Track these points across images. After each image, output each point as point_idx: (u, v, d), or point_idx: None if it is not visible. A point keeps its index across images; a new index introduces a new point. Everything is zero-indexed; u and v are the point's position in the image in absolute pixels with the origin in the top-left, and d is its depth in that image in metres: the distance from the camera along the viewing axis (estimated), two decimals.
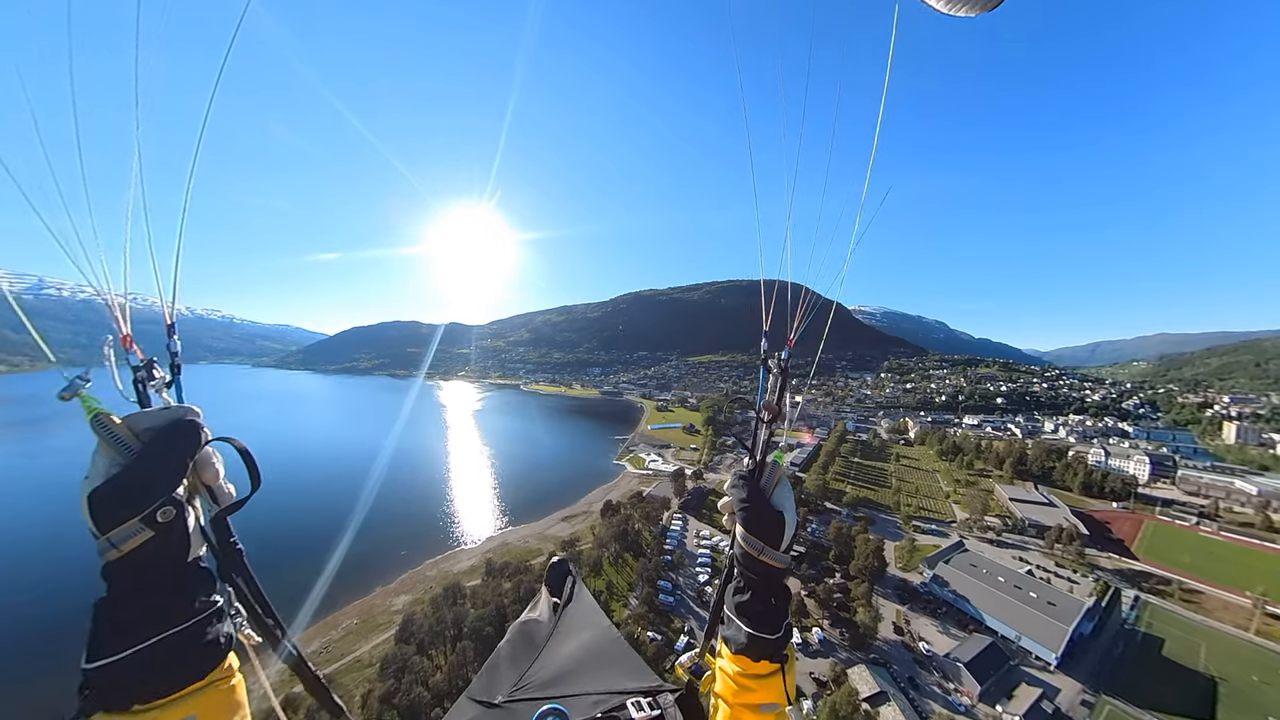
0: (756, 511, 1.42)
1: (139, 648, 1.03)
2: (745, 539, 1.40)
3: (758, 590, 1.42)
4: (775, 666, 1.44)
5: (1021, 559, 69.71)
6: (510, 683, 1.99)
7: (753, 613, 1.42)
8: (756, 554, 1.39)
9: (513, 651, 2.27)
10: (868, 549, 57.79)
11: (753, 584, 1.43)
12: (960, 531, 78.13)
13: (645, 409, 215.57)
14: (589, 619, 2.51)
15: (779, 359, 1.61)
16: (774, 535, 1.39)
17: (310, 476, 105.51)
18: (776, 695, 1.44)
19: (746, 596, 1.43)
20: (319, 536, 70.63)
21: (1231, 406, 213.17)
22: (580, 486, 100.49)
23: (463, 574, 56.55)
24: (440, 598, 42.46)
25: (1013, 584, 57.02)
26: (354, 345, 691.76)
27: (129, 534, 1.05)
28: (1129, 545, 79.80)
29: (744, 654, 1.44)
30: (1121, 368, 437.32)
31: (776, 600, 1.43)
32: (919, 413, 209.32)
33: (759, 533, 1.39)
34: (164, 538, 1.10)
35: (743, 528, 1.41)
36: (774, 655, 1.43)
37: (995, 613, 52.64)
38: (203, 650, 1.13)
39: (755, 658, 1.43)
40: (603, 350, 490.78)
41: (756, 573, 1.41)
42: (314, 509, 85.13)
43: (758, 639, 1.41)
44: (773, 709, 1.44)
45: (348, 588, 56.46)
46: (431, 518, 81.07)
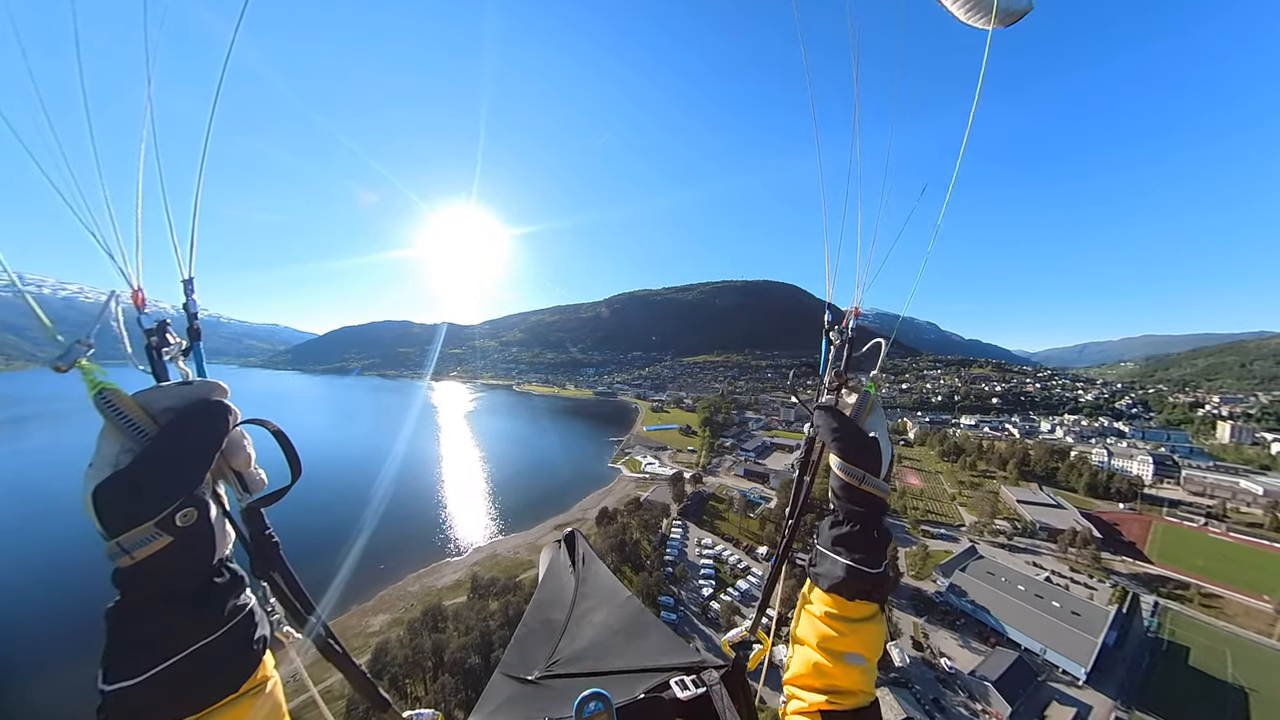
0: (853, 439, 1.32)
1: (163, 667, 0.91)
2: (844, 469, 1.30)
3: (861, 522, 1.30)
4: (872, 609, 1.31)
5: (1035, 564, 67.03)
6: (544, 657, 1.94)
7: (855, 544, 1.29)
8: (858, 483, 1.29)
9: (540, 623, 2.22)
10: None
11: (854, 515, 1.31)
12: (970, 536, 75.31)
13: (640, 410, 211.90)
14: (609, 588, 2.45)
15: (840, 330, 1.54)
16: (873, 462, 1.30)
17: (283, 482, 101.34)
18: (865, 646, 1.29)
19: (847, 529, 1.31)
20: (291, 547, 66.17)
21: (1222, 406, 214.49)
22: (574, 491, 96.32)
23: (447, 590, 52.50)
24: (419, 622, 38.04)
25: (1033, 593, 54.06)
26: (344, 345, 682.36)
27: (143, 540, 0.91)
28: (1141, 548, 77.57)
29: (838, 590, 1.30)
30: (1110, 368, 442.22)
31: (879, 534, 1.31)
32: (916, 413, 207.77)
33: (858, 461, 1.29)
34: (185, 543, 0.94)
35: (840, 457, 1.31)
36: (872, 594, 1.31)
37: (1018, 624, 49.56)
38: (236, 660, 1.01)
39: (851, 595, 1.30)
40: (596, 350, 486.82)
41: (858, 504, 1.31)
42: (288, 518, 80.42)
43: (858, 572, 1.27)
44: (858, 662, 1.29)
45: (322, 606, 51.39)
46: (416, 527, 76.35)
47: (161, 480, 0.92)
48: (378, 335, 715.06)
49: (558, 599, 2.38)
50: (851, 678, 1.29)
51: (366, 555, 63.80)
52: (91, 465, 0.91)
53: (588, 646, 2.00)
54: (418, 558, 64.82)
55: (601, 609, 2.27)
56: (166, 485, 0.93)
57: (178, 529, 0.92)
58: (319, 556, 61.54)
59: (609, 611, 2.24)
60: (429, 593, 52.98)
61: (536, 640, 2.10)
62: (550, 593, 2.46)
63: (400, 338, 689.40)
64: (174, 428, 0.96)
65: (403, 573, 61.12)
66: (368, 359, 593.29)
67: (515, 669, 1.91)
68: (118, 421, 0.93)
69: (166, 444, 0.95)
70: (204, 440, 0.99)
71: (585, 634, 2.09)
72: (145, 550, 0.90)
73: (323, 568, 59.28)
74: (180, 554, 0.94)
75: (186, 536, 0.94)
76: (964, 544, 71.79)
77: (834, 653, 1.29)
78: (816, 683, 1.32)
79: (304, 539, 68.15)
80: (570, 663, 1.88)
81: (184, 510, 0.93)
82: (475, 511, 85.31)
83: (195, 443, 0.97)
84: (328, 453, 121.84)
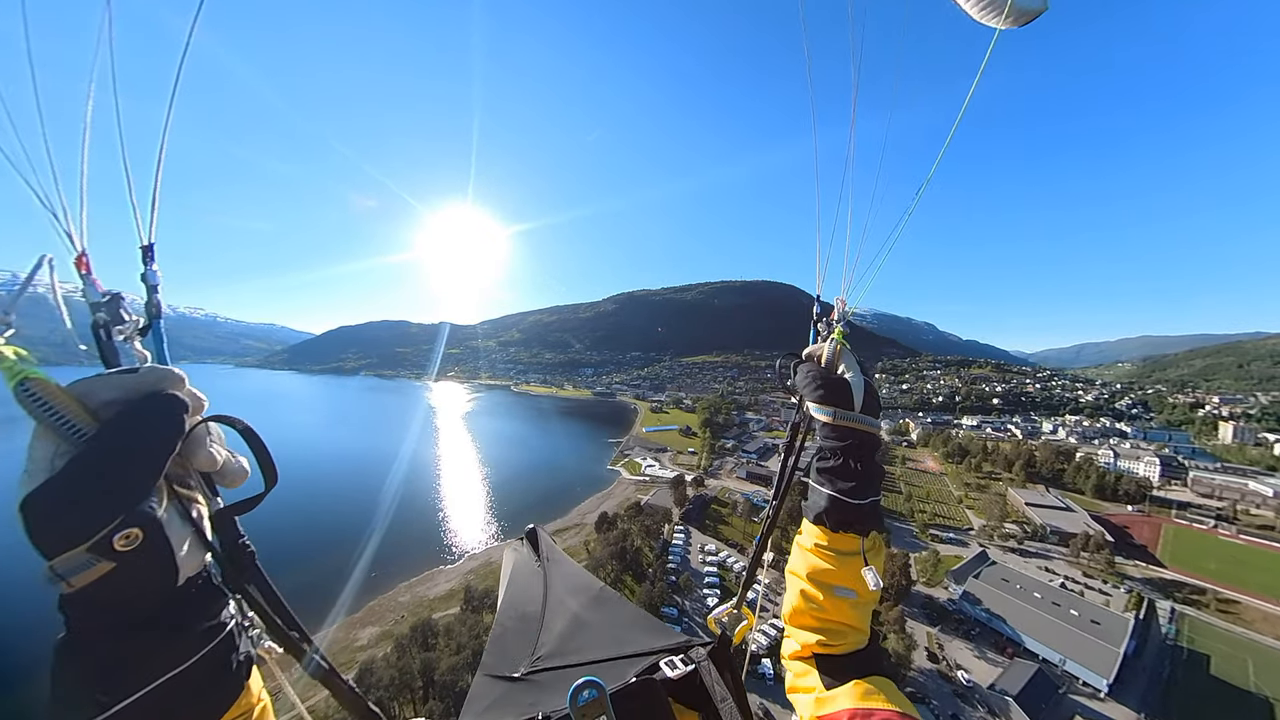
0: (822, 380, 1.35)
1: (126, 704, 0.75)
2: (818, 409, 1.33)
3: (842, 455, 1.30)
4: (857, 543, 1.30)
5: (1047, 569, 65.32)
6: (526, 653, 1.93)
7: (837, 475, 1.29)
8: (832, 419, 1.31)
9: (515, 620, 2.21)
10: (892, 565, 52.32)
11: (839, 449, 1.30)
12: (980, 540, 73.55)
13: (639, 410, 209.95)
14: (579, 579, 2.46)
15: (829, 322, 1.55)
16: (844, 398, 1.31)
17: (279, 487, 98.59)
18: (854, 581, 1.28)
19: (830, 462, 1.31)
20: (277, 554, 63.54)
21: (1222, 406, 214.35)
22: (572, 495, 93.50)
23: (439, 600, 49.99)
24: (407, 639, 35.60)
25: (1050, 600, 52.25)
26: (340, 345, 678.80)
27: (79, 566, 0.73)
28: (1152, 551, 76.00)
29: (823, 520, 1.31)
30: (1107, 369, 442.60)
31: (864, 466, 1.29)
32: (917, 413, 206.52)
33: (829, 399, 1.32)
34: (131, 569, 0.76)
35: (814, 401, 1.34)
36: (858, 525, 1.29)
37: (1035, 633, 47.74)
38: (216, 687, 0.89)
39: (835, 525, 1.30)
40: (595, 350, 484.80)
41: (842, 437, 1.31)
42: (276, 523, 78.04)
43: (840, 502, 1.27)
44: (848, 595, 1.28)
45: (308, 616, 47.22)
46: (409, 532, 73.02)
47: (96, 494, 0.75)
48: (375, 335, 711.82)
49: (529, 594, 2.35)
50: (842, 611, 1.29)
51: (357, 564, 61.26)
52: (26, 472, 0.74)
53: (569, 638, 1.99)
54: (410, 565, 62.01)
55: (575, 599, 2.24)
56: (102, 501, 0.75)
57: (118, 554, 0.74)
58: (308, 564, 59.53)
59: (583, 601, 2.23)
60: (420, 604, 50.46)
61: (515, 637, 2.07)
62: (520, 589, 2.43)
63: (398, 338, 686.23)
64: (113, 428, 0.78)
65: (394, 581, 58.32)
66: (365, 359, 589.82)
67: (499, 668, 1.88)
68: (45, 418, 0.75)
69: (103, 449, 0.77)
70: (151, 444, 0.80)
71: (564, 626, 2.07)
72: (84, 578, 0.74)
73: (315, 575, 57.07)
74: (127, 581, 0.76)
75: (132, 561, 0.76)
76: (974, 548, 70.06)
77: (824, 585, 1.30)
78: (809, 620, 1.33)
79: (297, 546, 65.94)
80: (555, 656, 1.87)
81: (125, 531, 0.75)
82: (470, 517, 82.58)
83: (144, 443, 0.79)
84: (308, 459, 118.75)
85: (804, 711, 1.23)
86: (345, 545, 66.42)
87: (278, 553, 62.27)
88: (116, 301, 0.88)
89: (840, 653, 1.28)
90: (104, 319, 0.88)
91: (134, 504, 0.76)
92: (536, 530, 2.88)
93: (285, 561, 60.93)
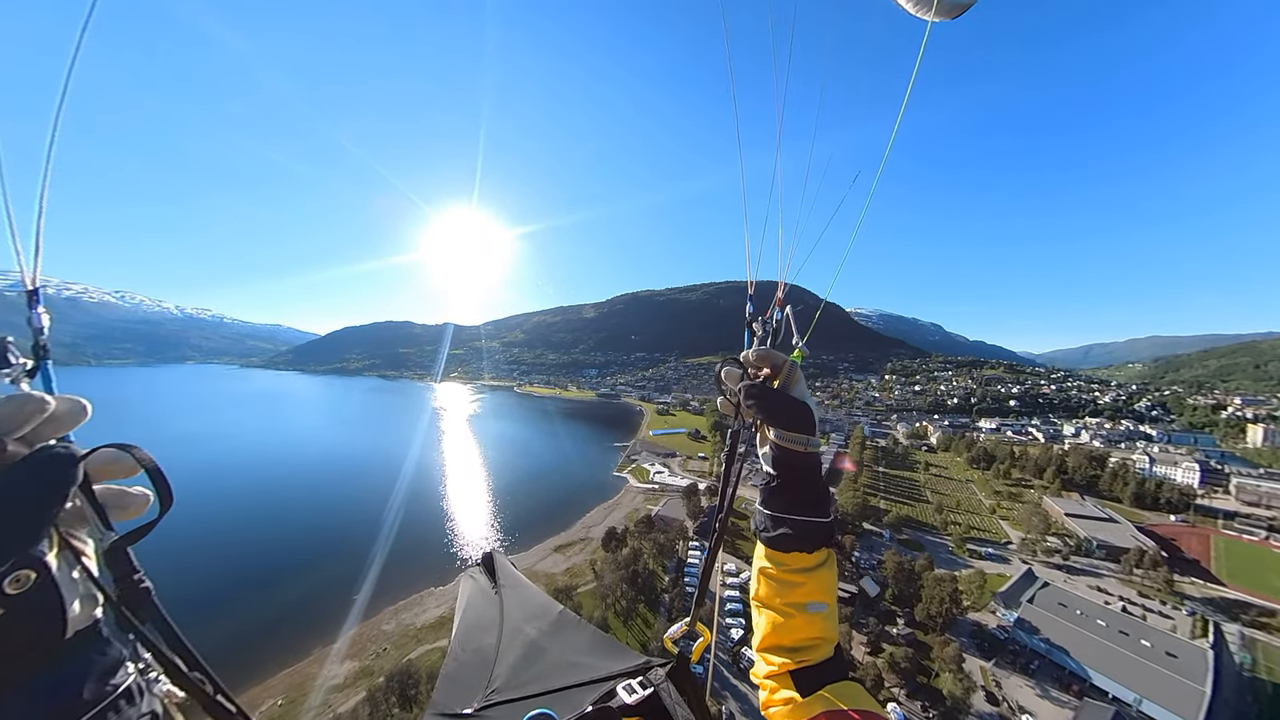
0: (788, 408, 1.30)
1: None
2: (787, 437, 1.29)
3: (807, 480, 1.31)
4: (825, 555, 1.34)
5: (1100, 589, 59.38)
6: (480, 687, 1.81)
7: (807, 502, 1.31)
8: (803, 448, 1.29)
9: (469, 653, 2.08)
10: (941, 591, 45.99)
11: (799, 478, 1.30)
12: (1022, 556, 67.60)
13: (645, 413, 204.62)
14: (536, 603, 2.36)
15: (763, 321, 1.51)
16: (810, 425, 1.30)
17: (254, 492, 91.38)
18: (824, 592, 1.34)
19: (797, 492, 1.30)
20: (253, 572, 58.33)
21: (1246, 408, 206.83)
22: (577, 505, 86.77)
23: (427, 629, 44.29)
24: (382, 691, 29.76)
25: (1117, 628, 46.40)
26: (344, 345, 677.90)
27: None
28: (1206, 566, 69.87)
29: (788, 547, 1.32)
30: (1118, 369, 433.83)
31: (820, 486, 1.32)
32: (933, 416, 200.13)
33: (798, 427, 1.28)
34: (18, 614, 0.67)
35: (782, 428, 1.29)
36: (827, 541, 1.34)
37: (1104, 668, 41.97)
38: None
39: (812, 548, 1.32)
40: (599, 351, 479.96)
41: (797, 465, 1.30)
42: (251, 534, 71.52)
43: (814, 525, 1.29)
44: (820, 609, 1.33)
45: (280, 646, 43.25)
46: (399, 547, 66.22)
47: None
48: (379, 336, 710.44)
49: (484, 624, 2.23)
50: (816, 626, 1.32)
51: (341, 580, 55.49)
52: None
53: (525, 667, 1.89)
54: (397, 585, 55.47)
55: (532, 626, 2.14)
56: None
57: (8, 597, 0.65)
58: (274, 587, 54.46)
59: (540, 628, 2.13)
60: (405, 634, 44.95)
61: (468, 671, 1.94)
62: (475, 619, 2.31)
63: (402, 338, 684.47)
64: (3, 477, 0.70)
65: (379, 605, 51.85)
66: (369, 359, 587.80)
67: (449, 706, 1.75)
68: None
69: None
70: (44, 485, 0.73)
71: (519, 655, 1.96)
72: None
73: (287, 597, 52.03)
74: (13, 630, 0.66)
75: (19, 606, 0.66)
76: (1016, 565, 64.18)
77: (798, 605, 1.32)
78: (786, 640, 1.34)
79: (258, 563, 60.84)
80: (510, 688, 1.77)
81: (15, 574, 0.65)
82: (468, 530, 75.63)
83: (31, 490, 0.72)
84: (290, 462, 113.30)
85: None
86: (339, 560, 61.05)
87: (251, 577, 57.28)
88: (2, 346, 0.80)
89: (813, 664, 1.30)
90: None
91: (25, 547, 0.68)
92: (493, 554, 2.73)
93: (268, 581, 56.07)
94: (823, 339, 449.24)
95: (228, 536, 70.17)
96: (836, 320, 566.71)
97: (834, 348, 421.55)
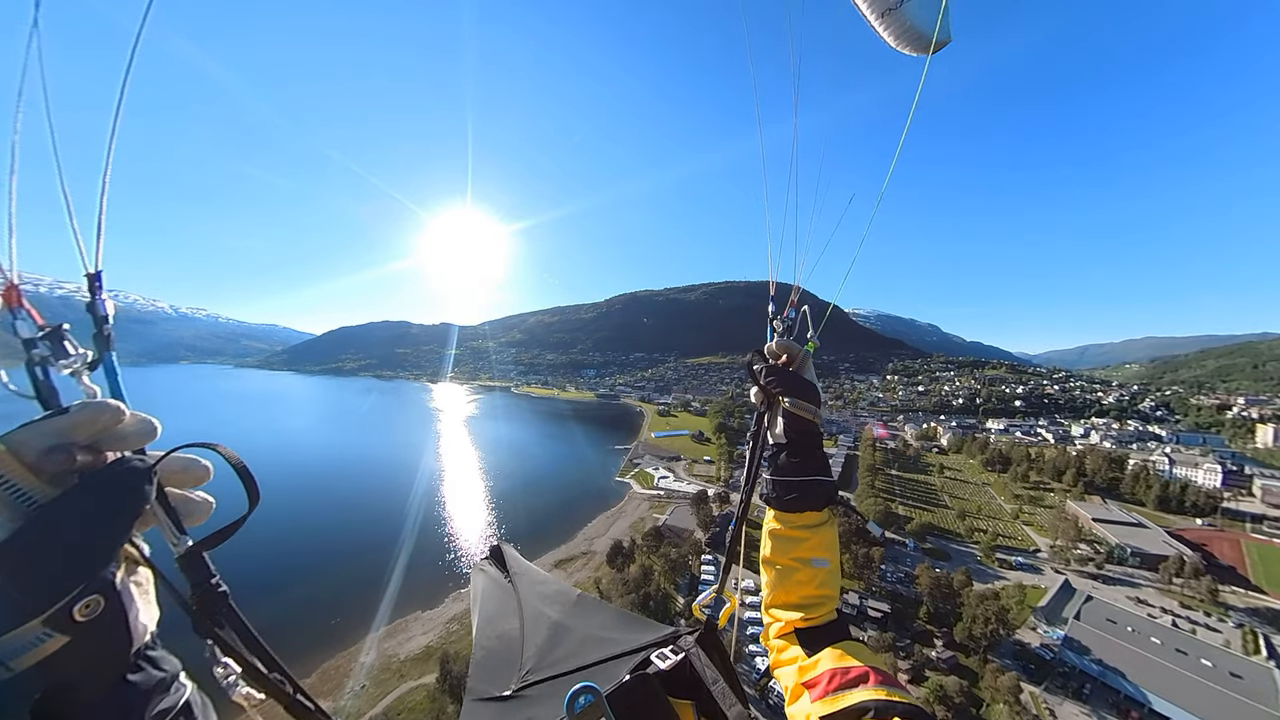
0: (800, 383, 1.55)
1: None
2: (798, 404, 1.51)
3: (810, 445, 1.52)
4: (828, 514, 1.51)
5: (1140, 600, 55.92)
6: (514, 670, 1.86)
7: (809, 464, 1.50)
8: (810, 416, 1.52)
9: (495, 639, 2.12)
10: (986, 610, 41.59)
11: (804, 442, 1.52)
12: (1054, 565, 64.06)
13: (646, 414, 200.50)
14: (552, 587, 2.42)
15: (784, 319, 1.74)
16: (817, 399, 1.54)
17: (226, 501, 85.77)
18: (826, 548, 1.48)
19: (801, 455, 1.51)
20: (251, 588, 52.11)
21: (1250, 408, 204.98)
22: (578, 514, 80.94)
23: (411, 663, 39.81)
24: None
25: (1173, 646, 42.98)
26: (340, 345, 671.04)
27: (26, 644, 0.62)
28: (1243, 573, 66.63)
29: (795, 507, 1.49)
30: (1115, 370, 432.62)
31: (819, 450, 1.53)
32: (939, 416, 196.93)
33: (808, 397, 1.52)
34: (88, 641, 0.66)
35: (794, 396, 1.52)
36: (825, 501, 1.50)
37: (1164, 691, 38.48)
38: None
39: (806, 505, 1.49)
40: (597, 351, 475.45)
41: (806, 431, 1.52)
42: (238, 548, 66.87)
43: (816, 484, 1.48)
44: (824, 564, 1.46)
45: (290, 657, 38.34)
46: (385, 564, 58.83)
47: (58, 561, 0.65)
48: (375, 336, 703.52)
49: (504, 611, 2.28)
50: (819, 580, 1.46)
51: (321, 604, 49.76)
52: None
53: (554, 647, 1.93)
54: (380, 608, 49.39)
55: (552, 608, 2.19)
56: (64, 568, 0.65)
57: (77, 625, 0.64)
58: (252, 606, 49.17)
59: (562, 609, 2.18)
60: (387, 668, 40.11)
61: (498, 657, 1.99)
62: (494, 608, 2.35)
63: (399, 338, 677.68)
64: (71, 496, 0.68)
65: (359, 631, 46.11)
66: (365, 360, 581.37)
67: (487, 691, 1.81)
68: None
69: (58, 516, 0.67)
70: (117, 503, 0.70)
71: (546, 636, 2.00)
72: (29, 658, 0.62)
73: (264, 620, 46.28)
74: (80, 657, 0.65)
75: (89, 632, 0.65)
76: (1050, 575, 60.70)
77: (803, 560, 1.47)
78: (793, 596, 1.48)
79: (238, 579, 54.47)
80: (543, 667, 1.82)
81: (87, 599, 0.65)
82: (458, 544, 69.64)
83: (104, 509, 0.68)
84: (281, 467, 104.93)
85: (788, 680, 1.36)
86: (314, 581, 55.13)
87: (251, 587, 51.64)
88: (59, 335, 0.77)
89: (818, 624, 1.42)
90: (41, 355, 0.76)
91: (96, 570, 0.66)
92: (500, 546, 2.77)
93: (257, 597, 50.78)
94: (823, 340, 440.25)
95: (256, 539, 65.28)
96: (836, 320, 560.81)
97: (834, 348, 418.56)
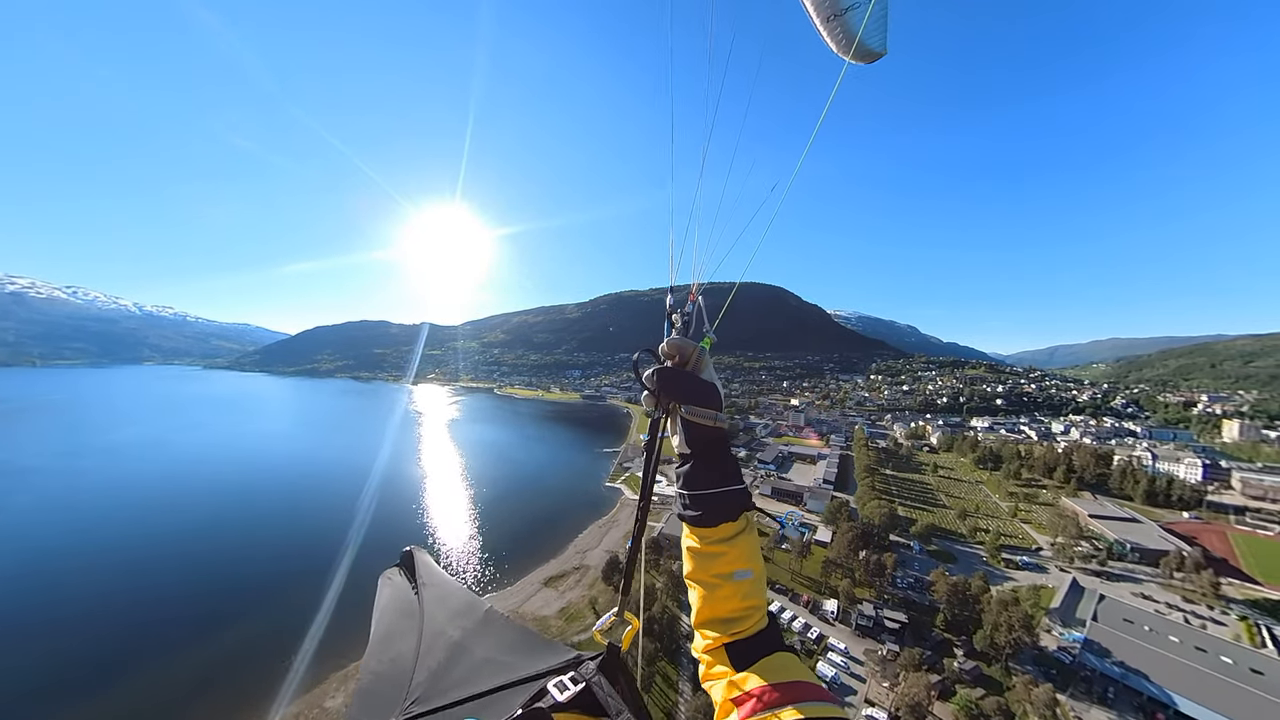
0: (698, 387, 1.44)
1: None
2: (696, 412, 1.41)
3: (717, 453, 1.41)
4: (742, 524, 1.41)
5: (1144, 596, 55.23)
6: (398, 700, 1.70)
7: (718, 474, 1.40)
8: (711, 422, 1.41)
9: (385, 664, 1.91)
10: (1008, 616, 39.24)
11: (706, 452, 1.41)
12: (1058, 563, 63.18)
13: (633, 415, 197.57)
14: (460, 601, 2.23)
15: (683, 313, 1.66)
16: (716, 402, 1.43)
17: (184, 515, 76.09)
18: (747, 559, 1.40)
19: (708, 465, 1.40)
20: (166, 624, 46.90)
21: (1213, 405, 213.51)
22: (568, 524, 74.92)
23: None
24: None
25: (1192, 644, 41.84)
26: (316, 346, 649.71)
27: None
28: (1235, 565, 67.01)
29: (708, 521, 1.39)
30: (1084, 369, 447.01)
31: (729, 459, 1.43)
32: (925, 415, 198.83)
33: (707, 403, 1.41)
34: None
35: (692, 403, 1.42)
36: (744, 505, 1.41)
37: (1189, 692, 37.16)
38: None
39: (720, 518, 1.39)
40: (582, 352, 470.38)
41: (708, 439, 1.41)
42: (167, 570, 58.13)
43: (727, 495, 1.38)
44: (746, 576, 1.39)
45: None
46: (353, 591, 51.50)
47: None
48: (352, 336, 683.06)
49: (402, 630, 2.06)
50: (744, 591, 1.38)
51: (281, 638, 43.99)
52: None
53: (448, 671, 1.78)
54: (349, 639, 42.41)
55: (454, 626, 2.00)
56: None
57: None
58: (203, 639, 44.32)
59: (465, 627, 2.00)
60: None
61: (385, 682, 1.80)
62: (391, 626, 2.13)
63: (377, 339, 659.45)
64: None
65: (324, 671, 40.01)
66: (341, 360, 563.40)
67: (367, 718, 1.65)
68: None
69: None
70: None
71: (442, 659, 1.84)
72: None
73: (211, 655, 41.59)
74: None
75: None
76: (1054, 574, 59.75)
77: (724, 575, 1.38)
78: (720, 612, 1.39)
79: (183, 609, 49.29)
80: (432, 696, 1.65)
81: None
82: (440, 558, 63.16)
83: None
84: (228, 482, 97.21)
85: (718, 696, 1.28)
86: (275, 607, 49.74)
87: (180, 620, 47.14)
88: None
89: (747, 635, 1.34)
90: None
91: None
92: (413, 552, 2.54)
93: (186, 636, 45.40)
94: (807, 340, 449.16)
95: (142, 570, 58.68)
96: (820, 322, 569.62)
97: (819, 348, 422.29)
